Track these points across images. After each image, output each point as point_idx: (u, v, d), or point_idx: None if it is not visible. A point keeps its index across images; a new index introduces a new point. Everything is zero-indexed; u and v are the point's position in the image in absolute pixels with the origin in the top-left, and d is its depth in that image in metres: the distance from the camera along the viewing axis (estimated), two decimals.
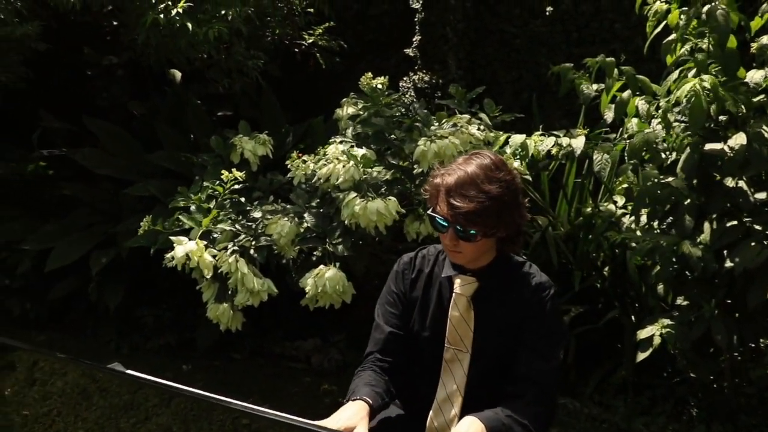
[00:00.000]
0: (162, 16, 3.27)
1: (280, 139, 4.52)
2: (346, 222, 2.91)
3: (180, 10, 3.24)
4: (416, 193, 3.20)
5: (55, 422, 1.97)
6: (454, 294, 1.97)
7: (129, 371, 2.13)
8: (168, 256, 2.94)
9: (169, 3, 3.29)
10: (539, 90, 4.81)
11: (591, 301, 3.92)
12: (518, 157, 3.33)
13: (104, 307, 4.63)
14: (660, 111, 2.79)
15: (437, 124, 3.44)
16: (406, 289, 2.07)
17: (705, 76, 2.71)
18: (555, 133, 3.45)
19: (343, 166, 2.99)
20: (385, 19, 5.50)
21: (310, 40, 4.94)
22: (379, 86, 3.66)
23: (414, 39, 4.86)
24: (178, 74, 5.94)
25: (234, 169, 3.16)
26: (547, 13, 4.85)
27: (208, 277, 2.96)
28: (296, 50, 4.94)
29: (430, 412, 1.98)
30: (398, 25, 5.36)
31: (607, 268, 3.97)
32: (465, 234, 1.85)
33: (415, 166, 3.23)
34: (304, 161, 3.30)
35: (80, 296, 4.79)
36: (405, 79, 4.85)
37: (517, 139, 3.35)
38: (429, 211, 1.95)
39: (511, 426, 1.81)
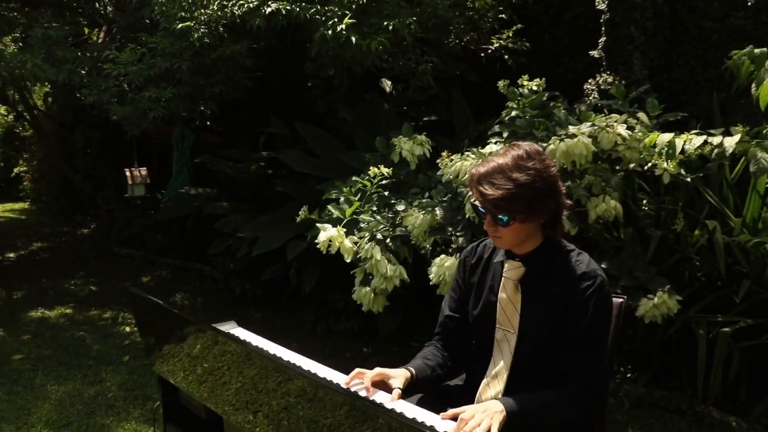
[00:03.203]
0: (330, 32, 3.67)
1: (459, 141, 4.75)
2: (467, 216, 3.06)
3: (344, 26, 3.62)
4: None
5: (224, 375, 2.40)
6: (503, 277, 2.07)
7: (233, 330, 2.53)
8: (317, 240, 3.32)
9: (335, 20, 3.69)
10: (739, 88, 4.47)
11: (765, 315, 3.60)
12: (663, 155, 3.21)
13: (304, 290, 5.21)
14: None
15: (586, 123, 3.42)
16: (466, 275, 2.21)
17: None
18: (711, 131, 3.26)
19: (470, 163, 3.14)
20: (580, 22, 5.46)
21: (496, 44, 5.08)
22: (534, 87, 3.75)
23: (600, 40, 4.78)
24: (387, 83, 6.44)
25: (381, 166, 3.46)
26: (750, 3, 4.48)
27: (348, 260, 3.30)
28: (482, 54, 5.11)
29: (480, 387, 2.10)
30: (592, 27, 5.30)
31: None
32: (496, 219, 1.95)
33: None
34: (452, 159, 3.50)
35: (288, 281, 5.43)
36: (590, 81, 4.79)
37: (665, 137, 3.23)
38: (472, 201, 2.07)
39: (542, 414, 1.88)
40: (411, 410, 1.84)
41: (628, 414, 3.71)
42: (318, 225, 3.28)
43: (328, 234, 3.23)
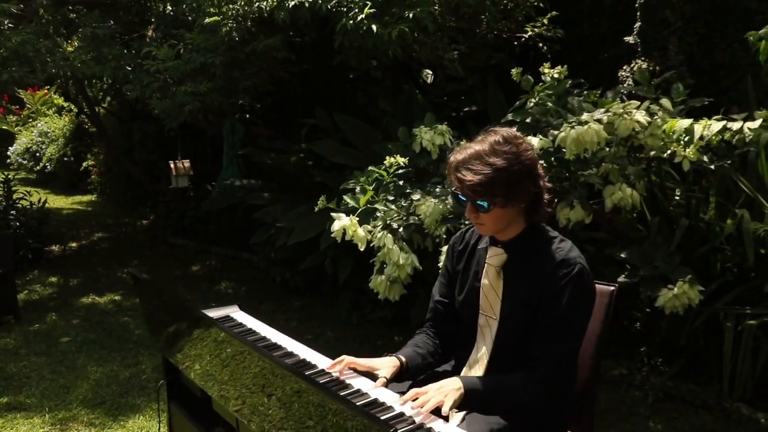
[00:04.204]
0: (351, 22, 3.72)
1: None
2: None
3: (364, 16, 3.66)
4: (566, 179, 3.22)
5: (246, 358, 2.52)
6: (486, 264, 2.08)
7: (233, 314, 2.62)
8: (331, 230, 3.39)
9: (356, 11, 3.73)
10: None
11: None
12: (681, 142, 3.13)
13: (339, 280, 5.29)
14: None
15: (600, 110, 3.37)
16: (453, 260, 2.23)
17: None
18: (733, 117, 3.16)
19: None
20: (619, 7, 5.35)
21: (530, 33, 5.03)
22: (556, 75, 3.71)
23: (635, 25, 4.67)
24: (429, 74, 6.45)
25: (398, 156, 3.50)
26: None
27: (361, 249, 3.34)
28: (515, 43, 5.07)
29: (462, 371, 2.13)
30: (631, 13, 5.19)
31: None
32: (476, 206, 1.96)
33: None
34: None
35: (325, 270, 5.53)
36: (624, 67, 4.69)
37: (683, 123, 3.15)
38: (452, 189, 2.08)
39: (503, 396, 1.91)
40: (375, 392, 1.89)
41: (651, 407, 3.65)
42: (333, 214, 3.34)
43: (341, 223, 3.29)
